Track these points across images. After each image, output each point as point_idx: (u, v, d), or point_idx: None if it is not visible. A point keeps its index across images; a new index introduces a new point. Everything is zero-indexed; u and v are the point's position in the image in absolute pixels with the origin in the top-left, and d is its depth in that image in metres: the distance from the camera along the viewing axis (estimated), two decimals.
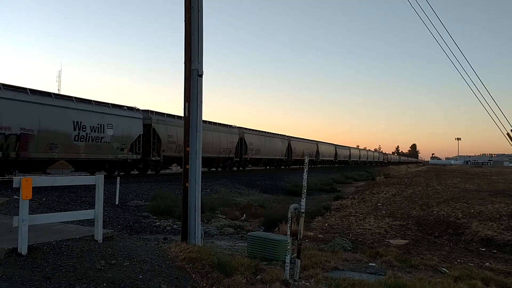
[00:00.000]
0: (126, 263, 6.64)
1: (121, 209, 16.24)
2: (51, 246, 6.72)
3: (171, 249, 7.90)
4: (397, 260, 9.88)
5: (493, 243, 13.09)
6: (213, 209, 17.74)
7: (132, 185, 21.96)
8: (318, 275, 7.90)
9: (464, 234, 14.35)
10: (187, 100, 9.11)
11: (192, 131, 9.14)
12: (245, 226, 14.90)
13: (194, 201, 9.12)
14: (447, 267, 9.54)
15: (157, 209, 15.90)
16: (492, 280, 8.37)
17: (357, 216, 17.84)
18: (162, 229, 13.49)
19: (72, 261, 6.25)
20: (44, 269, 5.86)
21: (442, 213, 18.64)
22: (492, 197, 26.20)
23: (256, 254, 9.09)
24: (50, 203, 14.92)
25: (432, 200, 25.19)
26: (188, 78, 9.12)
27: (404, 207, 21.26)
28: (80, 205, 15.46)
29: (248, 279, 7.09)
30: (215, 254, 7.63)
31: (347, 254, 10.22)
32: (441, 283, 7.79)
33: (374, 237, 13.47)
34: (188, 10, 9.09)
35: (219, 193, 24.39)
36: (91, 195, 16.00)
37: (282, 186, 33.20)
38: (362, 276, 8.16)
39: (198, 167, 9.18)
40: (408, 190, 33.54)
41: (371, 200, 25.19)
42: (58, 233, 7.59)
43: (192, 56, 9.11)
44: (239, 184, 30.15)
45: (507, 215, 17.68)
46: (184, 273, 6.86)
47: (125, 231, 12.23)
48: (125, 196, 18.61)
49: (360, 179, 51.21)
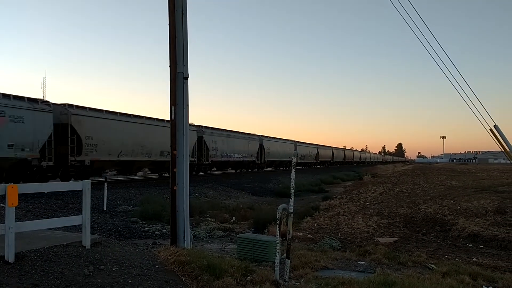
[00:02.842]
0: (115, 268, 6.61)
1: (109, 214, 16.14)
2: (38, 253, 6.66)
3: (160, 253, 7.88)
4: (386, 257, 9.94)
5: (480, 238, 13.24)
6: (202, 213, 17.71)
7: (120, 190, 21.84)
8: (308, 274, 7.93)
9: (451, 231, 14.50)
10: (173, 103, 9.10)
11: (179, 134, 9.12)
12: (234, 229, 14.89)
13: (182, 204, 9.10)
14: (435, 263, 9.63)
15: (146, 214, 15.83)
16: (480, 275, 8.47)
17: (346, 215, 17.94)
18: (151, 233, 13.43)
19: (60, 267, 6.21)
20: (32, 276, 5.80)
21: (429, 211, 18.81)
22: (477, 193, 26.49)
23: (246, 256, 9.10)
24: (37, 210, 14.78)
25: (419, 198, 25.41)
26: (173, 81, 9.11)
27: (391, 206, 21.41)
28: (67, 211, 15.34)
29: (238, 280, 7.09)
30: (204, 256, 7.62)
31: (337, 253, 10.27)
32: (430, 279, 7.86)
33: (363, 236, 13.55)
34: (172, 13, 9.08)
35: (208, 196, 24.36)
36: (78, 202, 15.89)
37: (270, 188, 33.24)
38: (352, 274, 8.20)
39: (185, 171, 9.17)
40: (395, 188, 33.78)
41: (359, 199, 25.33)
42: (46, 240, 7.53)
43: (177, 59, 9.10)
44: (228, 187, 30.13)
45: (492, 211, 17.91)
46: (174, 276, 6.84)
47: (114, 237, 12.16)
48: (113, 201, 18.50)
49: (348, 179, 51.38)
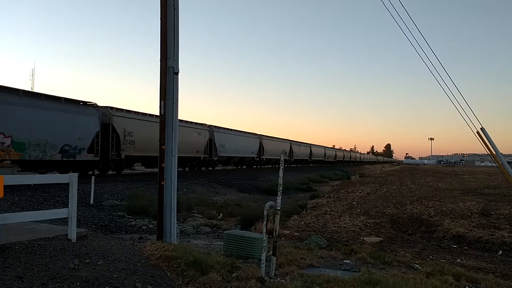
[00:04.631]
0: (100, 262, 6.57)
1: (96, 208, 16.04)
2: (23, 245, 6.61)
3: (146, 247, 7.85)
4: (371, 257, 10.01)
5: (464, 240, 13.38)
6: (189, 209, 17.68)
7: (107, 184, 21.71)
8: (294, 272, 7.95)
9: (436, 232, 14.64)
10: (162, 98, 9.06)
11: (168, 129, 9.09)
12: (221, 225, 14.88)
13: (170, 199, 9.07)
14: (420, 264, 9.72)
15: (133, 208, 15.75)
16: (463, 276, 8.56)
17: (333, 214, 18.02)
18: (138, 228, 13.38)
19: (45, 260, 6.16)
20: (16, 268, 5.75)
21: (416, 211, 18.98)
22: (463, 195, 26.80)
23: (232, 252, 9.10)
24: (22, 202, 14.65)
25: (405, 198, 25.62)
26: (164, 75, 9.07)
27: (378, 206, 21.56)
28: (53, 204, 15.22)
29: (224, 277, 7.09)
30: (191, 252, 7.60)
31: (323, 252, 10.31)
32: (414, 278, 7.93)
33: (349, 235, 13.63)
34: (164, 8, 9.04)
35: (196, 192, 24.31)
36: (65, 195, 15.80)
37: (258, 185, 33.26)
38: (337, 272, 8.25)
39: (174, 166, 9.14)
40: (382, 189, 34.01)
41: (347, 198, 25.47)
42: (31, 232, 7.47)
43: (168, 53, 9.06)
44: (216, 183, 30.10)
45: (477, 213, 18.12)
46: (160, 271, 6.82)
47: (100, 231, 12.09)
48: (100, 195, 18.39)
49: (336, 178, 51.58)
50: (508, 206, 19.92)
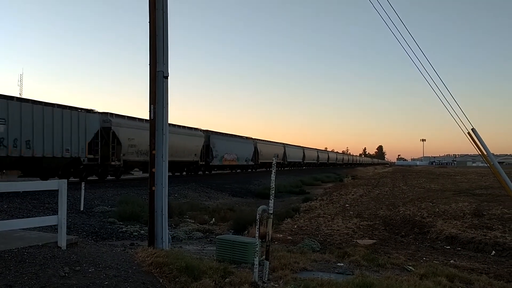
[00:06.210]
0: (91, 269, 6.48)
1: (86, 215, 15.89)
2: (12, 253, 6.51)
3: (137, 254, 7.75)
4: (365, 259, 9.97)
5: (457, 240, 13.40)
6: (181, 214, 17.56)
7: (97, 190, 21.54)
8: (287, 276, 7.89)
9: (429, 233, 14.65)
10: (152, 103, 8.99)
11: (158, 134, 9.01)
12: (214, 230, 14.80)
13: (161, 205, 8.98)
14: (413, 265, 9.70)
15: (124, 214, 15.60)
16: (457, 277, 8.55)
17: (326, 217, 17.99)
18: (129, 234, 13.25)
19: (35, 268, 6.07)
20: (6, 277, 5.66)
21: (408, 213, 19.01)
22: (456, 196, 26.95)
23: (225, 257, 9.02)
24: (11, 210, 14.47)
25: (398, 200, 25.68)
26: (153, 80, 8.99)
27: (371, 208, 21.58)
28: (43, 211, 15.05)
29: (216, 282, 7.02)
30: (183, 258, 7.52)
31: (316, 255, 10.26)
32: (407, 281, 7.90)
33: (342, 238, 13.60)
34: (152, 11, 8.97)
35: (188, 197, 24.19)
36: (54, 201, 15.58)
37: (251, 189, 33.20)
38: (331, 276, 8.20)
39: (165, 171, 9.06)
40: (375, 191, 34.09)
41: (339, 201, 25.47)
42: (20, 240, 7.36)
43: (157, 57, 8.99)
44: (208, 188, 29.99)
45: (470, 213, 18.20)
46: (151, 278, 6.74)
47: (91, 238, 11.96)
48: (90, 202, 18.23)
49: (329, 180, 51.66)
50: (500, 206, 20.04)
